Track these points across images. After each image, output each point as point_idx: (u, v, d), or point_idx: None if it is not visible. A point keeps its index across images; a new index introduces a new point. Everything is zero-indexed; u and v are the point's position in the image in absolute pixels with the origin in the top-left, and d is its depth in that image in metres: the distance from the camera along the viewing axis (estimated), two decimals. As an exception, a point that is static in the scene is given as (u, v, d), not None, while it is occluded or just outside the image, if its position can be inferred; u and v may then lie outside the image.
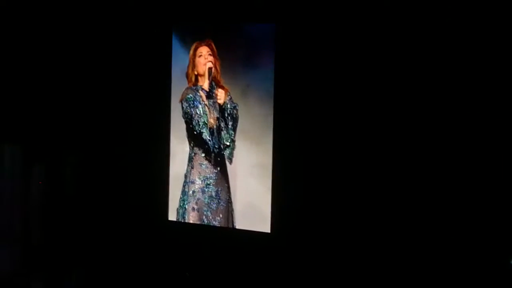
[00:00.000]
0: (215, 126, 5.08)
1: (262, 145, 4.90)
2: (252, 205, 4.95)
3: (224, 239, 5.14)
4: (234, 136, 5.04)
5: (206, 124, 5.11)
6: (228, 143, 5.05)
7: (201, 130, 5.13)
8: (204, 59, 5.09)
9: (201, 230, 5.22)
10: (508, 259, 4.31)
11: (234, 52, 5.01)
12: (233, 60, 5.02)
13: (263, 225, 4.88)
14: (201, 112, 5.13)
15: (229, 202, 5.06)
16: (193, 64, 5.13)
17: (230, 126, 5.05)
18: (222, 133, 5.06)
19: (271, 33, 4.83)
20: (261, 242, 4.95)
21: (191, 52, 5.13)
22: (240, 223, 5.02)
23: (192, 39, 5.15)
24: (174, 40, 5.24)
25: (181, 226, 5.31)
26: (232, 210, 5.05)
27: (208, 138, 5.11)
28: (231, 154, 5.06)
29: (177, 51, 5.23)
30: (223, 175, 5.08)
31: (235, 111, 5.03)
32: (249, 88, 4.97)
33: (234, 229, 5.07)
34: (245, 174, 4.97)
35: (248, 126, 4.98)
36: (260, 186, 4.89)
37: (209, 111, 5.11)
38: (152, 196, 5.43)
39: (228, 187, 5.06)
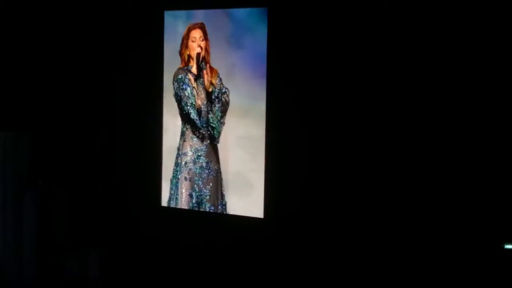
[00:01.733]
0: (202, 108, 5.36)
1: (247, 118, 5.18)
2: (240, 173, 5.24)
3: (216, 225, 5.33)
4: (221, 119, 5.31)
5: (194, 105, 5.39)
6: (214, 125, 5.34)
7: (189, 111, 5.42)
8: (197, 45, 5.34)
9: (193, 215, 5.43)
10: (501, 244, 4.35)
11: (222, 32, 5.25)
12: (221, 40, 5.27)
13: (249, 192, 5.17)
14: (189, 94, 5.41)
15: (218, 172, 5.35)
16: (186, 44, 5.37)
17: (217, 108, 5.33)
18: (209, 115, 5.35)
19: (259, 15, 5.07)
20: (254, 227, 5.14)
21: (185, 33, 5.36)
22: (229, 191, 5.31)
23: (184, 20, 5.39)
24: (167, 20, 5.45)
25: (173, 211, 5.51)
26: (221, 179, 5.34)
27: (196, 118, 5.39)
28: (217, 134, 5.34)
29: (170, 30, 5.45)
30: (213, 147, 5.37)
31: (225, 96, 5.29)
32: (235, 67, 5.23)
33: (227, 214, 5.31)
34: (233, 146, 5.25)
35: (234, 102, 5.26)
36: (246, 156, 5.18)
37: (197, 94, 5.39)
38: (146, 168, 5.60)
39: (218, 158, 5.35)
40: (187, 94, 5.43)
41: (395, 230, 4.64)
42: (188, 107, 5.43)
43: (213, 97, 5.33)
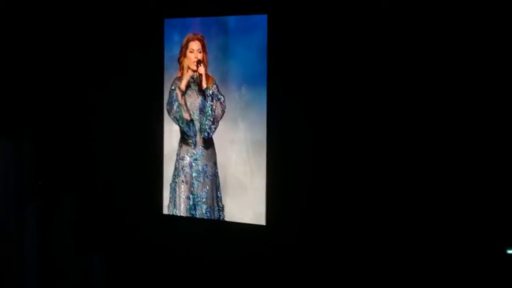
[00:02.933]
0: (191, 119, 5.55)
1: (239, 123, 5.37)
2: (236, 177, 5.41)
3: (218, 232, 5.43)
4: (213, 124, 5.48)
5: (183, 118, 5.59)
6: (206, 132, 5.52)
7: (179, 123, 5.63)
8: (195, 57, 5.49)
9: (195, 222, 5.54)
10: (505, 249, 4.37)
11: (216, 41, 5.43)
12: (215, 48, 5.44)
13: (245, 195, 5.35)
14: (176, 109, 5.61)
15: (214, 175, 5.52)
16: (184, 54, 5.54)
17: (209, 117, 5.49)
18: (202, 123, 5.53)
19: (251, 23, 5.24)
20: (257, 235, 5.23)
21: (184, 42, 5.52)
22: (226, 194, 5.48)
23: (183, 30, 5.56)
24: (166, 28, 5.62)
25: (175, 218, 5.62)
26: (218, 183, 5.50)
27: (186, 129, 5.59)
28: (208, 138, 5.52)
29: (169, 38, 5.62)
30: (209, 152, 5.54)
31: (219, 103, 5.46)
32: (227, 74, 5.42)
33: (229, 222, 5.44)
34: (229, 150, 5.43)
35: (230, 107, 5.42)
36: (242, 159, 5.35)
37: (184, 108, 5.56)
38: (148, 175, 5.72)
39: (215, 162, 5.51)
40: (174, 109, 5.62)
41: (400, 236, 4.67)
42: (178, 120, 5.63)
43: (206, 105, 5.50)
